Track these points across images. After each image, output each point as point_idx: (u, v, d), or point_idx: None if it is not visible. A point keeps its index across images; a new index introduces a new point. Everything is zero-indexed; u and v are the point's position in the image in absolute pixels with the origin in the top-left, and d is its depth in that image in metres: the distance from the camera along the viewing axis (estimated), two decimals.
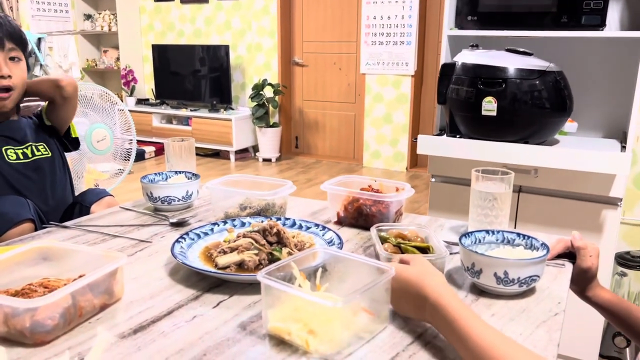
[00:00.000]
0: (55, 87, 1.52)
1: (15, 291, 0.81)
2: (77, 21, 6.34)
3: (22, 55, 1.46)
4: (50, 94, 1.53)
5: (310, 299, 0.69)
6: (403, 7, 4.79)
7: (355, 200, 1.18)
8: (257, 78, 5.59)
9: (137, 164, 5.29)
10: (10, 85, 1.41)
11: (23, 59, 1.46)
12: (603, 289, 1.00)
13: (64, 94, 1.53)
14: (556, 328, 0.77)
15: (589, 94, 2.03)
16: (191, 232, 1.06)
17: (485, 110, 1.75)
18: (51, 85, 1.52)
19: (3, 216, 1.28)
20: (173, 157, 1.43)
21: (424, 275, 0.75)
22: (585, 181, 1.78)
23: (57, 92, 1.52)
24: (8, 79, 1.40)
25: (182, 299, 0.86)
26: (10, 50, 1.41)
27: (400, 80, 4.98)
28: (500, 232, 0.96)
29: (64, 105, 1.56)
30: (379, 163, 5.25)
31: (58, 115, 1.58)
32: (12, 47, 1.41)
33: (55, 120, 1.59)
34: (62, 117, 1.59)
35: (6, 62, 1.40)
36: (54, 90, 1.52)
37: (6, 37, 1.39)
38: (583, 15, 1.80)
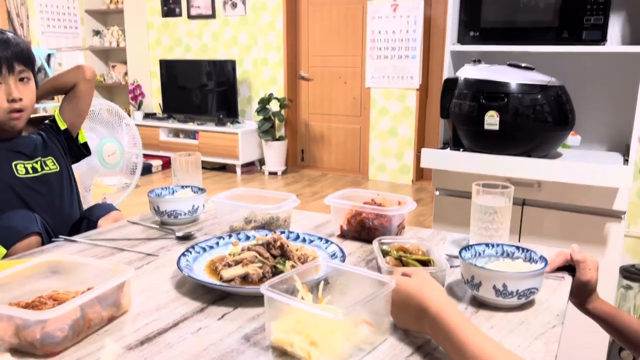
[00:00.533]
0: (78, 71, 1.62)
1: (25, 304, 0.83)
2: (86, 37, 6.44)
3: (32, 74, 1.49)
4: (72, 79, 1.62)
5: (311, 311, 0.71)
6: (408, 21, 4.84)
7: (358, 214, 1.20)
8: (264, 92, 5.65)
9: (144, 177, 5.34)
10: (21, 107, 1.44)
11: (32, 77, 1.49)
12: (603, 302, 1.01)
13: (87, 76, 1.62)
14: (554, 340, 0.78)
15: (592, 108, 2.05)
16: (197, 245, 1.08)
17: (488, 124, 1.77)
18: (73, 71, 1.63)
19: (11, 229, 1.30)
20: (180, 172, 1.46)
21: (424, 288, 0.76)
22: (589, 194, 1.78)
23: (79, 75, 1.62)
24: (19, 102, 1.43)
25: (188, 311, 0.88)
26: (20, 72, 1.44)
27: (405, 93, 5.01)
28: (499, 245, 0.97)
29: (84, 92, 1.63)
30: (385, 176, 5.27)
31: (77, 106, 1.63)
32: (22, 68, 1.44)
33: (72, 116, 1.63)
34: (80, 108, 1.65)
35: (16, 84, 1.43)
36: (76, 74, 1.62)
37: (15, 60, 1.42)
38: (584, 30, 1.82)
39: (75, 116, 1.64)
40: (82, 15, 6.35)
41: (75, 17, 6.28)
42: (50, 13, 5.98)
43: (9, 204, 1.44)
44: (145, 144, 5.77)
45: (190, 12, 5.98)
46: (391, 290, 0.77)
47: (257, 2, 5.58)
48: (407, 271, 0.83)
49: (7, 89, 1.41)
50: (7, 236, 1.29)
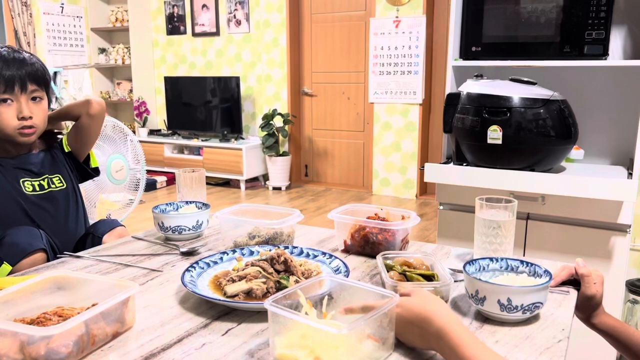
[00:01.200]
0: (83, 105, 1.61)
1: (30, 320, 0.84)
2: (91, 55, 6.51)
3: (45, 93, 1.51)
4: (77, 111, 1.61)
5: (316, 326, 0.70)
6: (410, 37, 4.88)
7: (362, 229, 1.20)
8: (267, 108, 5.68)
9: (148, 193, 5.36)
10: (31, 125, 1.46)
11: (45, 97, 1.51)
12: (608, 316, 1.00)
13: (91, 112, 1.60)
14: (560, 355, 0.77)
15: (595, 122, 2.05)
16: (201, 261, 1.08)
17: (491, 138, 1.78)
18: (80, 103, 1.62)
19: (16, 246, 1.31)
20: (184, 188, 1.47)
21: (427, 305, 0.76)
22: (593, 208, 1.78)
23: (84, 109, 1.60)
24: (29, 120, 1.45)
25: (192, 327, 0.88)
26: (32, 92, 1.46)
27: (409, 109, 5.03)
28: (504, 259, 0.97)
29: (88, 126, 1.62)
30: (389, 191, 5.27)
31: (79, 138, 1.64)
32: (35, 88, 1.46)
33: (76, 144, 1.64)
34: (83, 141, 1.65)
35: (27, 103, 1.45)
36: (81, 107, 1.61)
37: (29, 79, 1.44)
38: (585, 45, 1.83)
39: (78, 145, 1.65)
40: (87, 33, 6.43)
41: (81, 35, 6.35)
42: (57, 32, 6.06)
43: (16, 221, 1.45)
44: (150, 160, 5.82)
45: (194, 30, 6.05)
46: (395, 305, 0.76)
47: (261, 20, 5.64)
48: (405, 290, 0.83)
49: (19, 107, 1.43)
50: (13, 253, 1.30)
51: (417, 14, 4.84)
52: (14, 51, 1.46)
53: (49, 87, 1.53)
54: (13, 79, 1.41)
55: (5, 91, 1.41)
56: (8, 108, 1.42)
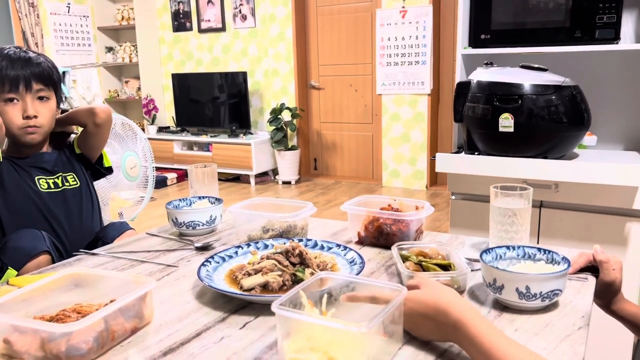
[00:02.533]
0: (89, 114, 1.60)
1: (50, 317, 0.84)
2: (99, 54, 6.54)
3: (52, 93, 1.51)
4: (84, 120, 1.61)
5: (334, 326, 0.68)
6: (417, 27, 4.85)
7: (376, 220, 1.20)
8: (275, 102, 5.67)
9: (159, 190, 5.38)
10: (35, 125, 1.46)
11: (52, 97, 1.51)
12: (628, 303, 0.99)
13: (97, 121, 1.60)
14: (580, 342, 0.77)
15: (607, 107, 2.03)
16: (216, 255, 1.08)
17: (503, 126, 1.76)
18: (86, 112, 1.61)
19: (19, 250, 1.31)
20: (196, 183, 1.47)
21: (441, 296, 0.75)
22: (607, 194, 1.76)
23: (90, 119, 1.60)
24: (34, 119, 1.45)
25: (210, 321, 0.88)
26: (38, 91, 1.46)
27: (417, 99, 5.00)
28: (521, 247, 0.96)
29: (95, 133, 1.63)
30: (399, 182, 5.26)
31: (88, 144, 1.65)
32: (40, 87, 1.46)
33: (85, 148, 1.65)
34: (92, 145, 1.66)
35: (33, 102, 1.45)
36: (87, 116, 1.60)
37: (34, 79, 1.44)
38: (597, 29, 1.81)
39: (88, 150, 1.66)
40: (94, 32, 6.45)
41: (88, 34, 6.38)
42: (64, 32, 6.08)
43: (31, 218, 1.46)
44: (159, 157, 5.85)
45: (200, 26, 6.04)
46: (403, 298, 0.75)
47: (267, 14, 5.62)
48: (412, 283, 0.82)
49: (24, 105, 1.44)
50: (17, 257, 1.30)
51: (423, 4, 4.80)
52: (21, 51, 1.46)
53: (57, 86, 1.53)
54: (18, 78, 1.41)
55: (11, 90, 1.41)
56: (14, 107, 1.43)
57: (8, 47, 1.47)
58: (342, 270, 1.03)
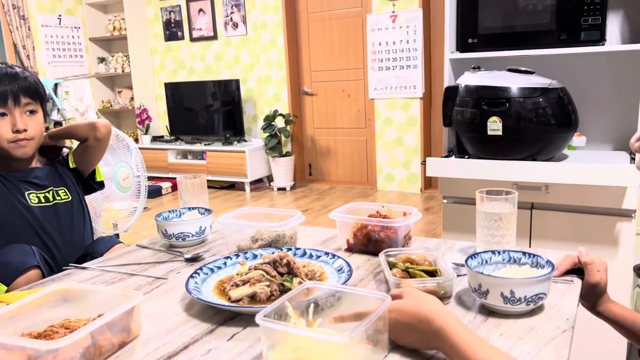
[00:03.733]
0: (90, 128, 1.62)
1: (37, 333, 0.85)
2: (91, 65, 6.54)
3: (39, 106, 1.53)
4: (84, 135, 1.63)
5: (317, 337, 0.68)
6: (407, 32, 4.87)
7: (364, 227, 1.20)
8: (268, 109, 5.69)
9: (154, 200, 5.38)
10: (25, 138, 1.48)
11: (39, 110, 1.53)
12: (614, 303, 1.00)
13: (98, 135, 1.62)
14: (564, 345, 0.77)
15: (595, 108, 2.04)
16: (205, 267, 1.08)
17: (491, 130, 1.77)
18: (87, 126, 1.63)
19: (8, 266, 1.32)
20: (186, 194, 1.47)
21: (423, 304, 0.76)
22: (597, 195, 1.77)
23: (91, 133, 1.62)
24: (24, 132, 1.47)
25: (198, 333, 0.88)
26: (26, 105, 1.48)
27: (409, 103, 5.02)
28: (506, 251, 0.97)
29: (95, 147, 1.64)
30: (393, 186, 5.27)
31: (86, 158, 1.66)
32: (28, 101, 1.49)
33: (82, 163, 1.66)
34: (90, 160, 1.67)
35: (22, 116, 1.47)
36: (88, 130, 1.62)
37: (22, 93, 1.46)
38: (582, 31, 1.82)
39: (84, 164, 1.67)
40: (86, 43, 6.45)
41: (80, 46, 6.38)
42: (56, 43, 6.08)
43: (22, 233, 1.46)
44: (154, 166, 5.84)
45: (192, 35, 6.06)
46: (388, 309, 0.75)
47: (258, 21, 5.64)
48: (395, 292, 0.82)
49: (13, 120, 1.45)
50: (6, 272, 1.30)
51: (413, 8, 4.83)
52: (7, 67, 1.48)
53: (43, 101, 1.55)
54: (6, 93, 1.43)
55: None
56: (3, 122, 1.45)
57: None
58: (331, 278, 1.04)
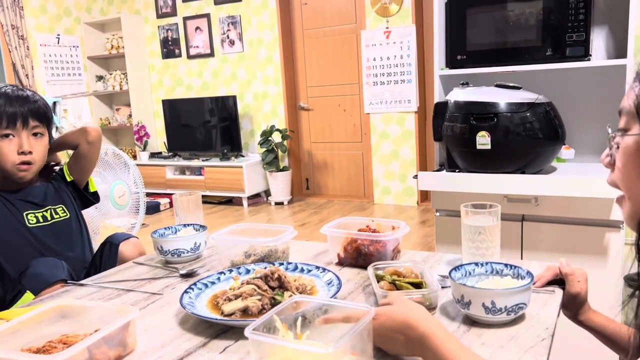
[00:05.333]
0: (81, 133, 1.67)
1: (37, 349, 0.88)
2: (89, 83, 6.60)
3: (46, 130, 1.57)
4: (76, 140, 1.67)
5: (302, 348, 0.71)
6: (401, 47, 4.94)
7: (354, 241, 1.24)
8: (265, 125, 5.74)
9: (152, 216, 5.40)
10: (30, 160, 1.52)
11: (46, 134, 1.58)
12: (594, 313, 1.03)
13: (89, 139, 1.67)
14: (543, 353, 0.80)
15: (583, 121, 2.08)
16: (199, 282, 1.12)
17: (480, 144, 1.81)
18: (78, 132, 1.68)
19: (40, 276, 1.35)
20: (181, 211, 1.51)
21: (409, 312, 0.79)
22: (586, 206, 1.81)
23: (82, 137, 1.67)
24: (29, 155, 1.51)
25: (191, 347, 0.91)
26: (33, 127, 1.52)
27: (404, 117, 5.08)
28: (489, 263, 1.01)
29: (88, 152, 1.68)
30: (390, 199, 5.30)
31: (80, 165, 1.70)
32: (36, 124, 1.53)
33: (77, 172, 1.70)
34: (84, 167, 1.71)
35: (28, 138, 1.51)
36: (80, 135, 1.67)
37: (30, 116, 1.51)
38: (567, 47, 1.88)
39: (80, 172, 1.71)
40: (84, 62, 6.52)
41: (78, 64, 6.45)
42: (54, 62, 6.15)
43: (23, 253, 1.49)
44: (152, 183, 5.88)
45: (189, 53, 6.13)
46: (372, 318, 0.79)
47: (254, 38, 5.71)
48: (386, 300, 0.86)
49: (19, 142, 1.49)
50: (37, 282, 1.34)
51: (406, 24, 4.90)
52: (18, 89, 1.53)
53: (50, 124, 1.60)
54: (15, 115, 1.47)
55: (8, 126, 1.47)
56: (9, 143, 1.48)
57: (4, 85, 1.54)
58: (321, 291, 1.07)
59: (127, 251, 1.54)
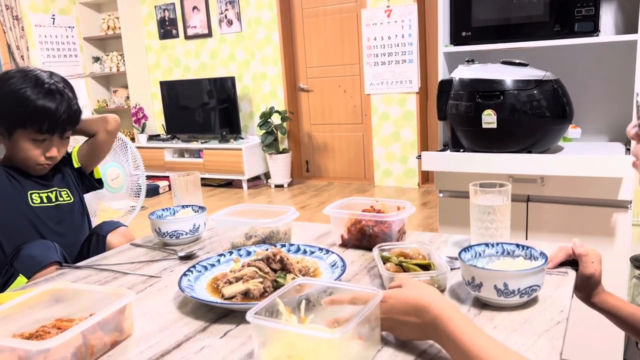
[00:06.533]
0: (101, 122, 1.63)
1: (29, 334, 0.84)
2: (86, 64, 6.51)
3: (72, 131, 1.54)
4: (95, 129, 1.63)
5: (307, 334, 0.68)
6: (402, 26, 4.86)
7: (358, 222, 1.20)
8: (264, 106, 5.67)
9: (151, 199, 5.37)
10: (54, 162, 1.51)
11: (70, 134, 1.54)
12: (609, 295, 0.99)
13: (109, 128, 1.64)
14: (558, 336, 0.77)
15: (590, 99, 2.04)
16: (198, 264, 1.08)
17: (486, 123, 1.77)
18: (97, 120, 1.64)
19: (33, 259, 1.32)
20: (179, 192, 1.47)
21: (422, 294, 0.76)
22: (593, 186, 1.77)
23: (102, 126, 1.63)
24: (54, 159, 1.49)
25: (190, 331, 0.88)
26: (65, 133, 1.49)
27: (405, 98, 5.01)
28: (499, 244, 0.97)
29: (105, 142, 1.65)
30: (391, 181, 5.26)
31: (93, 153, 1.66)
32: (70, 132, 1.50)
33: (88, 159, 1.66)
34: (96, 155, 1.68)
35: (59, 143, 1.48)
36: (99, 124, 1.63)
37: (68, 125, 1.47)
38: (576, 22, 1.82)
39: (91, 160, 1.68)
40: (81, 43, 6.42)
41: (74, 45, 6.35)
42: (50, 43, 6.06)
43: (22, 232, 1.45)
44: (150, 165, 5.83)
45: (187, 33, 6.03)
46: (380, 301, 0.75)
47: (252, 18, 5.62)
48: (395, 283, 0.82)
49: (49, 146, 1.46)
50: (29, 265, 1.31)
51: (408, 2, 4.81)
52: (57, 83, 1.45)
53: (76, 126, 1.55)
54: (57, 124, 1.42)
55: (47, 132, 1.42)
56: (40, 146, 1.45)
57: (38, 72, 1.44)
58: (324, 274, 1.03)
59: (115, 242, 1.50)
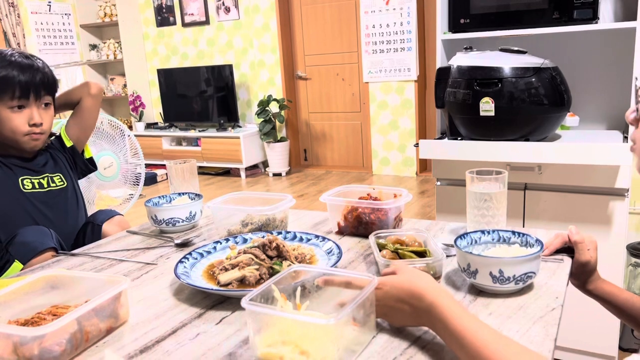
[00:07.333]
0: (83, 86, 1.66)
1: (25, 320, 0.84)
2: (83, 51, 6.47)
3: (52, 99, 1.54)
4: (78, 95, 1.66)
5: (302, 320, 0.68)
6: (401, 14, 4.82)
7: (354, 210, 1.20)
8: (262, 94, 5.65)
9: (149, 187, 5.36)
10: (40, 131, 1.50)
11: (52, 102, 1.54)
12: (604, 282, 1.00)
13: (92, 91, 1.66)
14: (553, 323, 0.77)
15: (588, 87, 2.03)
16: (194, 251, 1.08)
17: (484, 111, 1.76)
18: (80, 86, 1.67)
19: (28, 245, 1.32)
20: (176, 179, 1.46)
21: (416, 281, 0.76)
22: (590, 174, 1.77)
23: (85, 90, 1.65)
24: (40, 127, 1.49)
25: (186, 318, 0.88)
26: (44, 99, 1.49)
27: (404, 86, 4.99)
28: (495, 231, 0.97)
29: (91, 107, 1.67)
30: (389, 170, 5.26)
31: (81, 123, 1.67)
32: (47, 95, 1.50)
33: (76, 132, 1.67)
34: (85, 124, 1.68)
35: (39, 109, 1.48)
36: (82, 89, 1.66)
37: (43, 88, 1.47)
38: (574, 9, 1.81)
39: (81, 131, 1.68)
40: (77, 30, 6.38)
41: (71, 32, 6.31)
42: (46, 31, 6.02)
43: (16, 219, 1.45)
44: (148, 153, 5.82)
45: (184, 20, 5.99)
46: (375, 287, 0.75)
47: (250, 5, 5.58)
48: (390, 269, 0.82)
49: (30, 113, 1.46)
50: (24, 251, 1.31)
51: None
52: (27, 57, 1.48)
53: (55, 93, 1.57)
54: (29, 87, 1.44)
55: (20, 98, 1.43)
56: (20, 114, 1.45)
57: (11, 51, 1.47)
58: (321, 261, 1.03)
59: (111, 231, 1.50)
